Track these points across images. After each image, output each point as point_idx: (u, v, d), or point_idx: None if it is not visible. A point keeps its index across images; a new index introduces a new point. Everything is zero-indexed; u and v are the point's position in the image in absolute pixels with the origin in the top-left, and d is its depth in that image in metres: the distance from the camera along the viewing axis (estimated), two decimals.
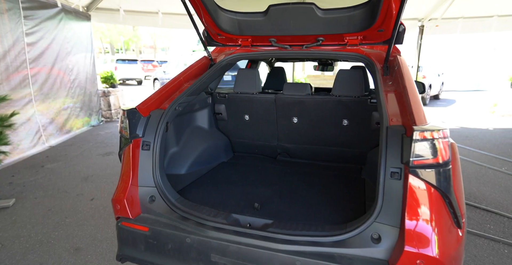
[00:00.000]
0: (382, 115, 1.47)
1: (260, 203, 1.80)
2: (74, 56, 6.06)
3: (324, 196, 1.92)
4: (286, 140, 2.63)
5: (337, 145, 2.46)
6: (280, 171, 2.42)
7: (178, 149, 2.32)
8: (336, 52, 2.10)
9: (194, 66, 2.39)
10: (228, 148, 2.83)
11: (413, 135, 1.21)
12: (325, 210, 1.74)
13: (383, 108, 1.52)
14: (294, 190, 2.03)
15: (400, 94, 1.61)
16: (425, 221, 1.22)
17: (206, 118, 2.64)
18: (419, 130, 1.20)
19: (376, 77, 1.82)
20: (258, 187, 2.09)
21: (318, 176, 2.28)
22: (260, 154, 2.83)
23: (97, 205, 3.19)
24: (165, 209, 1.70)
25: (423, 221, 1.23)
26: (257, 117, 2.61)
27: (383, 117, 1.46)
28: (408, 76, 1.68)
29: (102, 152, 5.02)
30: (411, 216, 1.23)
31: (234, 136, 2.81)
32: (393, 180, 1.31)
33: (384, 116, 1.46)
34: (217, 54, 2.57)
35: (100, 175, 4.01)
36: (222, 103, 2.68)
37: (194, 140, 2.47)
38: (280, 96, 2.46)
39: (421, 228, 1.22)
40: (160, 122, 1.83)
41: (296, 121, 2.50)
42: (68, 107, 5.93)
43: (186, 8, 1.98)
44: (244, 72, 2.56)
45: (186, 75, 2.28)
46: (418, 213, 1.23)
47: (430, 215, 1.22)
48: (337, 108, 2.31)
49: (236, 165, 2.58)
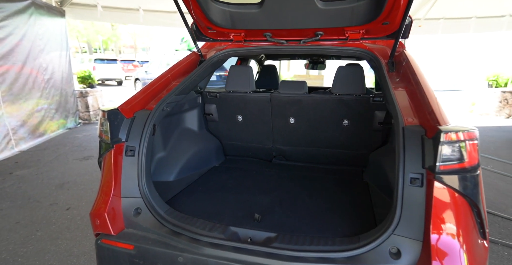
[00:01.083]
0: (397, 114, 1.34)
1: (260, 213, 1.63)
2: (48, 54, 5.65)
3: (328, 203, 1.77)
4: (282, 141, 2.47)
5: (337, 146, 2.33)
6: (276, 175, 2.26)
7: (166, 154, 2.11)
8: (336, 48, 1.96)
9: (182, 62, 2.19)
10: (219, 151, 2.64)
11: (439, 136, 1.08)
12: (331, 219, 1.59)
13: (396, 107, 1.38)
14: (294, 196, 1.87)
15: (412, 92, 1.48)
16: (453, 233, 1.09)
17: (196, 119, 2.44)
18: (446, 131, 1.07)
19: (383, 73, 1.69)
20: (255, 194, 1.92)
21: (318, 180, 2.14)
22: (254, 157, 2.66)
23: (73, 215, 2.91)
24: (153, 223, 1.50)
25: (450, 233, 1.10)
26: (251, 118, 2.44)
27: (398, 117, 1.32)
28: (419, 71, 1.56)
29: (79, 156, 4.67)
30: (437, 227, 1.10)
31: (226, 138, 2.62)
32: (413, 187, 1.18)
33: (398, 115, 1.33)
34: (207, 50, 2.38)
35: (78, 181, 3.70)
36: (212, 103, 2.49)
37: (183, 143, 2.27)
38: (276, 95, 2.30)
39: (449, 241, 1.09)
40: (146, 125, 1.62)
41: (293, 122, 2.34)
42: (42, 108, 5.51)
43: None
44: (237, 69, 2.38)
45: (174, 73, 2.07)
46: (445, 224, 1.10)
47: (458, 226, 1.10)
48: (337, 107, 2.18)
49: (229, 170, 2.39)
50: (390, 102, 1.46)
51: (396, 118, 1.33)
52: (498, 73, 9.66)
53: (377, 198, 1.81)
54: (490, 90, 8.75)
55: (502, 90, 8.06)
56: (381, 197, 1.82)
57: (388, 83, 1.59)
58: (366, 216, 1.60)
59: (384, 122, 2.11)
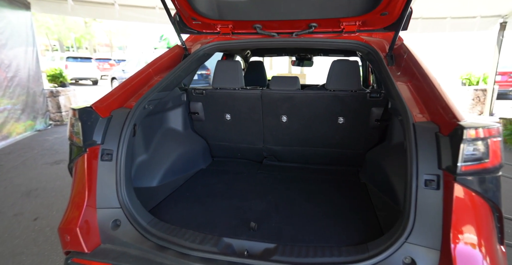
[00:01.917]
0: (406, 110, 1.23)
1: (256, 220, 1.48)
2: (11, 50, 5.18)
3: (326, 207, 1.65)
4: (274, 141, 2.33)
5: (331, 145, 2.22)
6: (269, 177, 2.12)
7: (148, 157, 1.91)
8: (331, 40, 1.85)
9: (165, 56, 2.00)
10: (206, 152, 2.45)
11: (460, 133, 0.98)
12: (333, 225, 1.47)
13: (403, 102, 1.28)
14: (290, 200, 1.73)
15: (418, 86, 1.39)
16: (475, 241, 0.99)
17: (180, 118, 2.25)
18: (468, 127, 0.97)
19: (384, 67, 1.59)
20: (248, 199, 1.76)
21: (313, 182, 2.02)
22: (244, 158, 2.50)
23: (42, 225, 2.61)
24: (135, 236, 1.31)
25: (472, 241, 0.99)
26: (240, 117, 2.28)
27: (407, 113, 1.22)
28: (424, 64, 1.47)
29: (50, 160, 4.30)
30: (458, 235, 0.99)
31: (213, 138, 2.45)
32: (428, 190, 1.07)
33: (407, 111, 1.23)
34: (192, 43, 2.20)
35: (48, 188, 3.37)
36: (198, 101, 2.31)
37: (166, 145, 2.07)
38: (267, 92, 2.15)
39: (471, 250, 0.99)
40: (126, 125, 1.42)
41: (285, 120, 2.21)
42: (5, 109, 5.05)
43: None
44: (224, 64, 2.22)
45: (156, 67, 1.88)
46: (466, 231, 1.00)
47: (480, 233, 1.00)
48: (332, 104, 2.06)
49: (218, 172, 2.22)
50: (396, 97, 1.35)
51: (405, 114, 1.22)
52: (470, 72, 10.06)
53: (377, 200, 1.71)
54: (463, 88, 9.08)
55: (475, 88, 8.38)
56: (381, 198, 1.72)
57: (390, 77, 1.49)
58: (369, 221, 1.49)
59: (381, 119, 2.02)
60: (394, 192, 1.63)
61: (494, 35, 7.79)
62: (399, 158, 1.75)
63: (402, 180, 1.65)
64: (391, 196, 1.66)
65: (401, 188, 1.61)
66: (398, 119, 1.84)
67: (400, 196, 1.59)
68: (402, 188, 1.63)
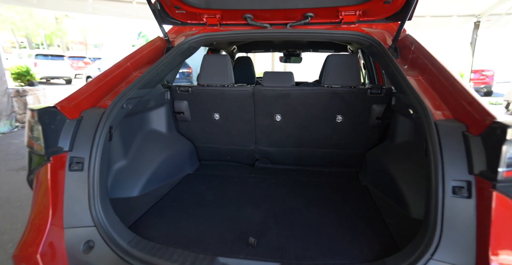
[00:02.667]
0: (425, 107, 1.09)
1: (254, 234, 1.30)
2: None
3: (329, 215, 1.49)
4: (267, 142, 2.15)
5: (329, 146, 2.07)
6: (262, 181, 1.94)
7: (127, 163, 1.69)
8: (330, 32, 1.69)
9: (145, 49, 1.77)
10: (193, 156, 2.24)
11: (502, 132, 0.84)
12: (341, 236, 1.31)
13: (420, 98, 1.14)
14: (289, 208, 1.57)
15: (432, 80, 1.26)
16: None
17: (164, 119, 2.02)
18: (509, 126, 0.84)
19: (390, 60, 1.46)
20: (243, 207, 1.58)
21: (311, 186, 1.86)
22: (234, 161, 2.30)
23: (3, 241, 2.30)
24: (112, 260, 1.10)
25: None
26: (230, 116, 2.08)
27: (426, 110, 1.08)
28: (436, 56, 1.34)
29: (15, 166, 3.90)
30: (497, 252, 0.86)
31: (200, 140, 2.23)
32: (457, 199, 0.93)
33: (426, 108, 1.09)
34: (175, 35, 1.98)
35: (12, 198, 3.02)
36: (183, 99, 2.09)
37: (148, 149, 1.85)
38: (259, 89, 1.97)
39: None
40: (100, 128, 1.20)
41: (280, 120, 2.04)
42: None
43: None
44: (212, 59, 2.01)
45: (135, 61, 1.65)
46: (507, 246, 0.87)
47: None
48: (330, 101, 1.92)
49: (206, 178, 2.01)
50: (409, 93, 1.21)
51: (425, 111, 1.08)
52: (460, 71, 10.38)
53: (383, 205, 1.57)
54: None
55: None
56: (387, 203, 1.59)
57: (400, 70, 1.35)
58: (379, 230, 1.35)
59: (382, 117, 1.90)
60: (402, 196, 1.50)
61: (468, 34, 8.03)
62: (405, 159, 1.63)
63: (410, 182, 1.53)
64: (398, 200, 1.53)
65: (410, 191, 1.49)
66: (401, 117, 1.73)
67: (409, 200, 1.46)
68: (411, 191, 1.52)
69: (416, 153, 1.58)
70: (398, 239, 1.27)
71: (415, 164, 1.54)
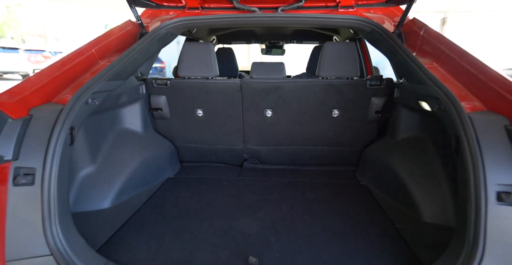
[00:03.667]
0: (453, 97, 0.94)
1: (253, 251, 1.11)
2: None
3: (334, 222, 1.33)
4: (256, 140, 1.95)
5: (323, 143, 1.91)
6: (253, 184, 1.75)
7: (96, 169, 1.43)
8: (327, 16, 1.51)
9: (113, 34, 1.50)
10: (173, 157, 2.00)
11: None
12: (353, 248, 1.14)
13: (445, 87, 0.99)
14: (288, 216, 1.38)
15: (454, 67, 1.11)
16: None
17: (139, 116, 1.76)
18: None
19: (399, 47, 1.31)
20: (235, 217, 1.38)
21: (307, 188, 1.69)
22: (220, 162, 2.09)
23: None
24: None
25: None
26: (215, 112, 1.86)
27: (455, 101, 0.93)
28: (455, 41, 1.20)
29: None
30: None
31: (181, 139, 2.00)
32: (504, 206, 0.79)
33: (455, 98, 0.94)
34: (149, 20, 1.72)
35: None
36: (161, 94, 1.84)
37: (121, 151, 1.60)
38: (248, 82, 1.77)
39: None
40: (57, 129, 0.96)
41: (270, 115, 1.85)
42: None
43: None
44: (193, 47, 1.77)
45: (101, 48, 1.39)
46: None
47: None
48: (326, 94, 1.75)
49: (190, 182, 1.79)
50: (429, 82, 1.06)
51: (455, 103, 0.93)
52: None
53: (390, 208, 1.43)
54: None
55: None
56: (393, 206, 1.45)
57: (414, 58, 1.20)
58: (393, 239, 1.20)
59: (382, 111, 1.76)
60: (410, 197, 1.37)
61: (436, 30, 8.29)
62: (410, 156, 1.50)
63: (419, 182, 1.39)
64: (406, 202, 1.39)
65: (419, 192, 1.36)
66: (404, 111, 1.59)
67: (418, 202, 1.33)
68: (420, 192, 1.38)
69: (424, 149, 1.45)
70: (415, 248, 1.12)
71: (423, 162, 1.40)
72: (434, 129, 1.40)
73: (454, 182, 1.23)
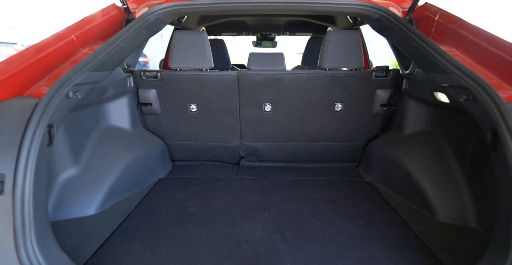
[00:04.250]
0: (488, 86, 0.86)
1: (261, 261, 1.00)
2: None
3: (346, 223, 1.23)
4: (254, 137, 1.84)
5: (324, 138, 1.82)
6: (253, 184, 1.63)
7: (79, 171, 1.29)
8: (331, 2, 1.40)
9: (95, 19, 1.34)
10: (165, 156, 1.85)
11: None
12: (375, 254, 1.04)
13: (476, 75, 0.90)
14: (295, 218, 1.28)
15: (479, 54, 1.03)
16: None
17: (127, 112, 1.61)
18: None
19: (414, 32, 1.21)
20: (237, 221, 1.26)
21: (311, 187, 1.60)
22: (215, 160, 1.96)
23: None
24: None
25: None
26: (210, 107, 1.73)
27: (490, 90, 0.84)
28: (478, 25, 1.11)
29: None
30: None
31: (173, 136, 1.85)
32: None
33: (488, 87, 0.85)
34: (135, 5, 1.57)
35: None
36: (151, 87, 1.68)
37: (108, 151, 1.45)
38: (246, 74, 1.64)
39: None
40: (31, 127, 0.82)
41: (270, 110, 1.73)
42: None
43: None
44: (186, 36, 1.62)
45: (82, 34, 1.23)
46: None
47: None
48: (330, 87, 1.65)
49: (184, 182, 1.66)
50: (455, 70, 0.96)
51: (491, 92, 0.84)
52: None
53: (402, 208, 1.34)
54: None
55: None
56: (405, 204, 1.37)
57: (433, 44, 1.10)
58: (412, 241, 1.10)
59: (387, 104, 1.67)
60: (423, 195, 1.29)
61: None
62: (422, 152, 1.42)
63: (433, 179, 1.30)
64: (419, 201, 1.32)
65: (434, 190, 1.28)
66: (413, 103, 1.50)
67: (434, 201, 1.25)
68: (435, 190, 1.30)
69: (436, 144, 1.37)
70: (439, 253, 1.03)
71: (436, 158, 1.33)
72: (448, 122, 1.33)
73: (474, 180, 1.16)
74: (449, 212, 1.19)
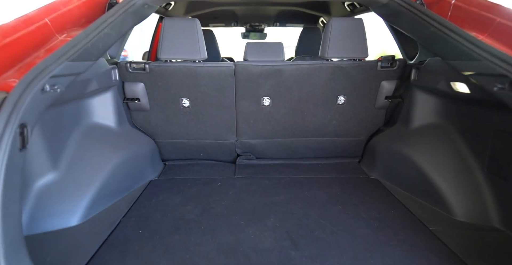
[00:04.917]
0: None
1: None
2: None
3: (359, 226, 1.14)
4: (252, 133, 1.72)
5: (326, 133, 1.73)
6: (253, 184, 1.52)
7: (59, 176, 1.13)
8: None
9: (72, 1, 1.16)
10: (155, 156, 1.70)
11: None
12: (391, 260, 0.95)
13: None
14: (304, 222, 1.18)
15: (509, 39, 0.95)
16: None
17: (112, 108, 1.45)
18: None
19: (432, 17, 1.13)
20: (240, 227, 1.15)
21: (315, 186, 1.50)
22: (209, 159, 1.83)
23: None
24: None
25: None
26: (204, 102, 1.59)
27: None
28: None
29: None
30: None
31: (163, 134, 1.70)
32: None
33: None
34: None
35: None
36: (138, 80, 1.52)
37: (91, 152, 1.29)
38: (243, 65, 1.51)
39: None
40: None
41: (268, 104, 1.62)
42: None
43: None
44: (176, 24, 1.47)
45: (58, 17, 1.07)
46: None
47: None
48: (333, 79, 1.55)
49: (177, 184, 1.52)
50: (490, 57, 0.88)
51: None
52: (384, 51, 10.95)
53: (416, 207, 1.27)
54: None
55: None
56: (418, 203, 1.30)
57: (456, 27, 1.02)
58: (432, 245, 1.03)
59: (393, 96, 1.60)
60: (438, 193, 1.23)
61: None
62: (433, 147, 1.35)
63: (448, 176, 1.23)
64: (433, 199, 1.25)
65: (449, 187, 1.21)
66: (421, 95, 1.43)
67: (449, 199, 1.19)
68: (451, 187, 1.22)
69: (449, 138, 1.30)
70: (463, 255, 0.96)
71: (450, 153, 1.26)
72: (463, 115, 1.26)
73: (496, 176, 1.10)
74: (467, 211, 1.13)
